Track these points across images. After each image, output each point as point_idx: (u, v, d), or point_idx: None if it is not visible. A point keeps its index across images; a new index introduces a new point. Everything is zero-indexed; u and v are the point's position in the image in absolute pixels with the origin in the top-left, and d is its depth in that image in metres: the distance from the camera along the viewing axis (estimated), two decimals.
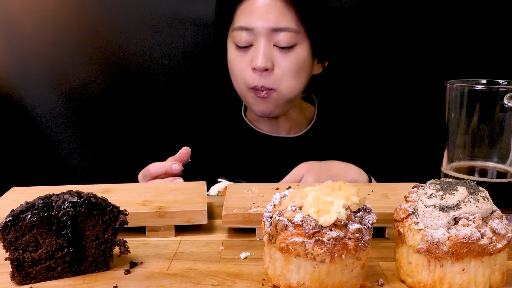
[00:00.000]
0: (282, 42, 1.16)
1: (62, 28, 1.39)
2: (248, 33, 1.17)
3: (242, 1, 1.19)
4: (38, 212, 0.67)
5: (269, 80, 1.17)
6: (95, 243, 0.72)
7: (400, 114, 1.47)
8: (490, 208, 0.66)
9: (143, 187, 0.97)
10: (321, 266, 0.63)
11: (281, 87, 1.19)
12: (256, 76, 1.18)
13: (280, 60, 1.17)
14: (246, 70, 1.19)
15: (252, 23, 1.16)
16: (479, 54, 1.40)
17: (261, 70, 1.16)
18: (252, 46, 1.18)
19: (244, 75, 1.20)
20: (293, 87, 1.20)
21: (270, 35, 1.16)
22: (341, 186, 0.67)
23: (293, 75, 1.19)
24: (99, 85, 1.44)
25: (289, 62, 1.17)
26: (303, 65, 1.20)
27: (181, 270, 0.73)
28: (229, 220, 0.85)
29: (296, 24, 1.16)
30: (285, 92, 1.20)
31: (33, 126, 1.44)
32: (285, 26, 1.15)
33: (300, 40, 1.18)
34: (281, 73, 1.18)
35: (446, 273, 0.64)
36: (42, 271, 0.69)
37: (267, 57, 1.16)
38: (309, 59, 1.21)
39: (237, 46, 1.20)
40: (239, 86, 1.24)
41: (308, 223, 0.62)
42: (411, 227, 0.67)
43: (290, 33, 1.15)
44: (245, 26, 1.17)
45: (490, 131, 0.85)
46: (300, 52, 1.18)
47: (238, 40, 1.19)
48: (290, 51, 1.17)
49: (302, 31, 1.17)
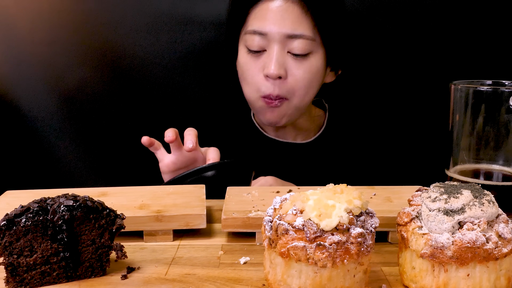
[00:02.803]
0: (297, 49, 1.13)
1: (58, 28, 1.39)
2: (262, 37, 1.14)
3: (256, 4, 1.16)
4: (33, 216, 0.67)
5: (282, 89, 1.15)
6: (91, 248, 0.71)
7: (403, 116, 1.46)
8: (495, 212, 0.66)
9: (141, 191, 0.97)
10: (323, 271, 0.62)
11: (294, 96, 1.17)
12: (270, 84, 1.15)
13: (294, 68, 1.15)
14: (258, 77, 1.17)
15: (266, 28, 1.13)
16: (484, 54, 1.40)
17: (274, 78, 1.14)
18: (265, 51, 1.16)
19: (257, 82, 1.18)
20: (305, 96, 1.18)
21: (285, 41, 1.13)
22: (343, 190, 0.67)
23: (306, 84, 1.16)
24: (95, 86, 1.43)
25: (303, 71, 1.15)
26: (317, 75, 1.18)
27: (180, 275, 0.73)
28: (228, 224, 0.84)
29: (312, 32, 1.14)
30: (297, 102, 1.18)
31: (27, 128, 1.43)
32: (301, 33, 1.12)
33: (315, 49, 1.15)
34: (294, 81, 1.15)
35: (450, 279, 0.63)
36: (37, 276, 0.69)
37: (280, 64, 1.13)
38: (323, 68, 1.19)
39: (249, 50, 1.18)
40: (250, 92, 1.21)
41: (310, 227, 0.62)
42: (415, 231, 0.66)
43: (306, 40, 1.13)
44: (258, 30, 1.14)
45: (496, 133, 0.85)
46: (314, 61, 1.16)
47: (250, 44, 1.16)
48: (304, 59, 1.15)
49: (318, 39, 1.15)
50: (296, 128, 1.31)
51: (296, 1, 1.13)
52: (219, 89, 1.45)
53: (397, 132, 1.42)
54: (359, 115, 1.41)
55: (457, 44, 1.40)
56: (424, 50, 1.41)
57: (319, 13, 1.13)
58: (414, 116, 1.46)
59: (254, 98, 1.21)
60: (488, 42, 1.40)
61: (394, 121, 1.45)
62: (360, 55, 1.40)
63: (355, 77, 1.44)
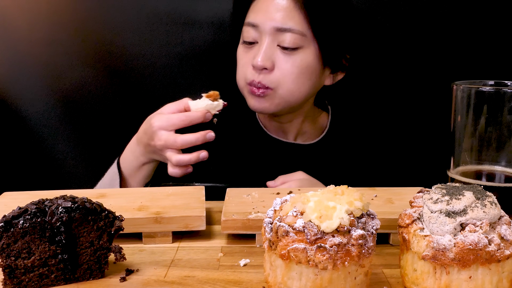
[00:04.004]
0: (285, 43, 1.14)
1: (57, 28, 1.39)
2: (255, 29, 1.17)
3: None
4: (31, 217, 0.66)
5: (266, 78, 1.16)
6: (89, 250, 0.71)
7: (404, 117, 1.46)
8: (497, 213, 0.65)
9: (139, 192, 0.97)
10: (323, 274, 0.62)
11: (280, 88, 1.17)
12: (255, 73, 1.17)
13: (282, 61, 1.16)
14: (248, 66, 1.19)
15: (258, 20, 1.15)
16: (486, 55, 1.40)
17: (259, 69, 1.15)
18: (257, 43, 1.18)
19: (245, 71, 1.19)
20: (293, 90, 1.18)
21: (275, 34, 1.15)
22: (344, 191, 0.67)
23: (293, 79, 1.17)
24: (94, 87, 1.43)
25: (290, 65, 1.16)
26: (307, 71, 1.18)
27: (179, 277, 0.73)
28: (228, 226, 0.84)
29: (302, 27, 1.14)
30: (284, 94, 1.18)
31: (25, 128, 1.43)
32: (290, 27, 1.13)
33: (306, 44, 1.16)
34: (281, 74, 1.16)
35: (452, 281, 0.63)
36: (35, 278, 0.69)
37: (267, 56, 1.14)
38: (315, 65, 1.18)
39: (244, 41, 1.20)
40: (239, 79, 1.24)
41: (310, 229, 0.61)
42: (416, 233, 0.66)
43: (295, 35, 1.14)
44: (252, 22, 1.17)
45: (498, 134, 0.85)
46: (304, 57, 1.16)
47: (245, 36, 1.19)
48: (293, 53, 1.15)
49: (309, 34, 1.15)
50: (298, 129, 1.31)
51: None
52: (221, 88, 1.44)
53: (399, 133, 1.42)
54: (362, 116, 1.41)
55: (459, 45, 1.40)
56: (426, 51, 1.41)
57: (311, 9, 1.14)
58: (415, 117, 1.46)
59: (242, 85, 1.23)
60: (490, 43, 1.39)
61: (395, 122, 1.45)
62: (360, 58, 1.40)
63: (357, 79, 1.43)
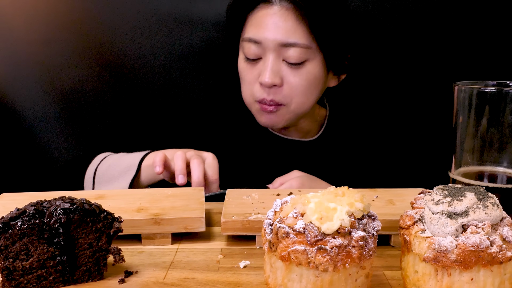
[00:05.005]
0: (292, 58, 1.12)
1: (54, 27, 1.38)
2: (257, 46, 1.14)
3: (253, 10, 1.16)
4: (29, 219, 0.66)
5: (278, 95, 1.15)
6: (88, 252, 0.71)
7: (406, 117, 1.46)
8: (499, 215, 0.65)
9: (138, 193, 0.96)
10: (324, 276, 0.62)
11: (291, 103, 1.17)
12: (264, 91, 1.15)
13: (290, 76, 1.14)
14: (255, 84, 1.17)
15: (261, 36, 1.13)
16: (488, 55, 1.40)
17: (268, 87, 1.14)
18: (261, 59, 1.16)
19: (252, 88, 1.18)
20: (304, 103, 1.18)
21: (279, 49, 1.12)
22: (344, 192, 0.66)
23: (303, 91, 1.16)
24: (92, 87, 1.42)
25: (299, 79, 1.14)
26: (315, 81, 1.17)
27: (178, 279, 0.72)
28: (228, 228, 0.84)
29: (307, 40, 1.12)
30: (295, 108, 1.18)
31: (23, 129, 1.42)
32: (295, 41, 1.11)
33: (311, 56, 1.14)
34: (290, 89, 1.15)
35: (454, 283, 0.63)
36: (33, 280, 0.68)
37: (275, 73, 1.13)
38: (321, 74, 1.18)
39: (246, 58, 1.18)
40: (247, 96, 1.22)
41: (310, 230, 0.61)
42: (418, 235, 0.65)
43: (301, 48, 1.12)
44: (253, 39, 1.14)
45: (500, 135, 0.84)
46: (311, 68, 1.15)
47: (247, 52, 1.16)
48: (300, 67, 1.14)
49: (314, 46, 1.14)
50: (297, 126, 1.31)
51: (292, 8, 1.12)
52: (221, 87, 1.44)
53: (400, 134, 1.42)
54: (361, 115, 1.41)
55: (460, 45, 1.40)
56: (427, 51, 1.41)
57: (314, 21, 1.12)
58: (417, 117, 1.46)
59: (250, 102, 1.22)
60: (492, 43, 1.39)
61: (396, 122, 1.44)
62: (362, 57, 1.40)
63: (358, 78, 1.43)
